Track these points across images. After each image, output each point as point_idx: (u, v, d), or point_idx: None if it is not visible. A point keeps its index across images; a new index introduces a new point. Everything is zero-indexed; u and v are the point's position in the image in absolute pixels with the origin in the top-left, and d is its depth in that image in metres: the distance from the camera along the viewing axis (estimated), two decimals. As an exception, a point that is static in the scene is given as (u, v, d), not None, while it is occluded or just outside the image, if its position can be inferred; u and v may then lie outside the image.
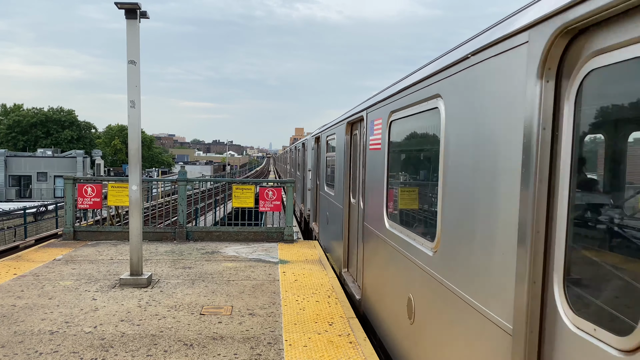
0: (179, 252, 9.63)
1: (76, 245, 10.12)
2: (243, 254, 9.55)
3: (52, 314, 5.99)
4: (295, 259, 9.28)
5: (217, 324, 5.74)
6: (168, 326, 5.64)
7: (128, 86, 7.16)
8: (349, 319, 6.01)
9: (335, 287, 7.40)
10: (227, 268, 8.38)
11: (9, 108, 77.97)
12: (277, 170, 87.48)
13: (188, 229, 11.09)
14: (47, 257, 8.95)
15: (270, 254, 9.67)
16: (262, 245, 10.53)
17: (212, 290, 7.06)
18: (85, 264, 8.51)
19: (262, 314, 6.09)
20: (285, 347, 5.13)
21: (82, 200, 10.63)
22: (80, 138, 73.66)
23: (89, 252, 9.43)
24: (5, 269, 8.09)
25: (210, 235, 11.09)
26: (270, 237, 11.14)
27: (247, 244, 10.63)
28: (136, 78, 7.18)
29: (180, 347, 5.09)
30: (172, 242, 10.70)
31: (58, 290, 6.94)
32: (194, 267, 8.37)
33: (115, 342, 5.17)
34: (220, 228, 11.34)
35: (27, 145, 67.84)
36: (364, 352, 5.06)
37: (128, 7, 6.95)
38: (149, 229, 10.80)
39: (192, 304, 6.43)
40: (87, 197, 10.62)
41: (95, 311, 6.09)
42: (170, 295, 6.77)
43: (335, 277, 8.06)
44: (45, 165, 54.57)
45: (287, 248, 10.31)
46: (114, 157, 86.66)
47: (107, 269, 8.13)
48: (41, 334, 5.35)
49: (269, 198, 11.11)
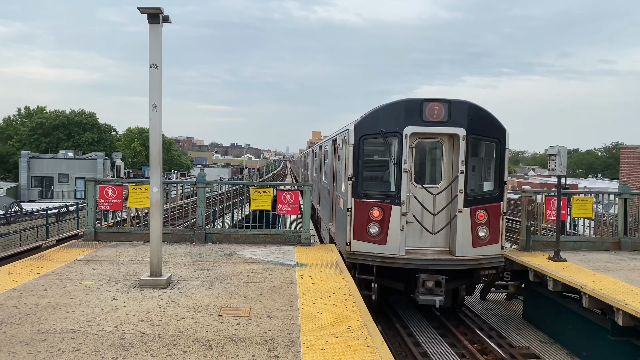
0: (197, 253, 9.72)
1: (97, 245, 10.29)
2: (261, 257, 9.61)
3: (74, 313, 6.10)
4: (312, 262, 9.30)
5: (235, 326, 5.78)
6: (187, 327, 5.70)
7: (150, 90, 7.27)
8: (367, 323, 6.01)
9: (352, 290, 7.40)
10: (245, 270, 8.44)
11: (32, 111, 79.54)
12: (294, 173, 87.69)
13: (207, 231, 11.18)
14: (69, 257, 9.12)
15: (287, 256, 9.71)
16: (279, 248, 10.58)
17: (230, 292, 7.12)
18: (106, 264, 8.65)
19: (280, 316, 6.12)
20: (303, 350, 5.15)
21: (104, 202, 10.80)
22: (101, 140, 74.78)
23: (110, 253, 9.58)
24: (29, 268, 8.26)
25: (228, 237, 11.18)
26: (288, 240, 11.18)
27: (265, 247, 10.69)
28: (158, 82, 7.29)
29: (199, 347, 5.14)
30: (190, 243, 10.81)
31: (80, 289, 7.06)
32: (212, 269, 8.45)
33: (135, 342, 5.24)
34: (238, 230, 11.41)
35: (49, 147, 69.07)
36: (382, 356, 5.05)
37: (151, 12, 7.06)
38: (168, 231, 10.92)
39: (211, 305, 6.49)
40: (108, 199, 10.78)
41: (115, 311, 6.19)
42: (189, 297, 6.84)
43: (352, 281, 8.07)
44: (66, 167, 55.51)
45: (304, 251, 10.34)
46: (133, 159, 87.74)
47: (127, 270, 8.25)
48: (63, 333, 5.46)
49: (287, 201, 11.15)
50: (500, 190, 10.43)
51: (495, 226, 10.30)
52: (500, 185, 10.45)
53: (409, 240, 10.19)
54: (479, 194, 10.43)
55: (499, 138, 10.46)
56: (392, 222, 10.09)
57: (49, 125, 70.94)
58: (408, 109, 10.21)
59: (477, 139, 10.34)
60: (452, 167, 10.33)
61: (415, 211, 10.28)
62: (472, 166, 10.54)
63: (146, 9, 7.05)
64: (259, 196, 11.21)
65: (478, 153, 10.68)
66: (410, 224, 10.17)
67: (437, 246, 10.34)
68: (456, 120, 10.15)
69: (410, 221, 10.17)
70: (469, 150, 10.18)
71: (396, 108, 10.31)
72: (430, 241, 10.32)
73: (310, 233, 11.27)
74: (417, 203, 10.30)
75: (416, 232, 10.31)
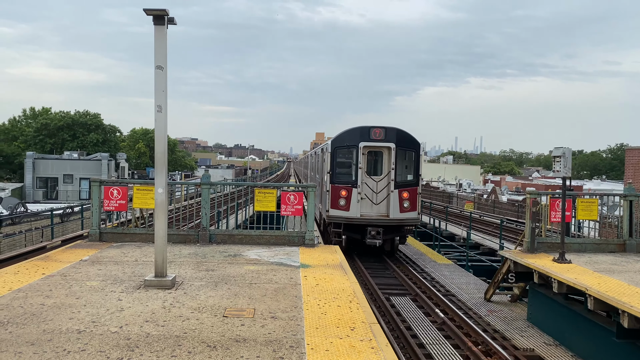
0: (202, 254, 9.74)
1: (102, 246, 10.32)
2: (265, 258, 9.62)
3: (80, 313, 6.12)
4: (317, 263, 9.31)
5: (240, 327, 5.79)
6: (192, 327, 5.72)
7: (155, 91, 7.29)
8: (371, 325, 6.00)
9: (356, 292, 7.40)
10: (249, 271, 8.45)
11: (37, 111, 79.85)
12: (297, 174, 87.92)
13: (211, 231, 11.19)
14: (74, 258, 9.15)
15: (291, 257, 9.72)
16: (283, 249, 10.59)
17: (235, 292, 7.13)
18: (111, 265, 8.67)
19: (284, 318, 6.13)
20: (308, 351, 5.15)
21: (108, 203, 10.82)
22: (106, 141, 75.02)
23: (114, 254, 9.61)
24: (35, 269, 8.30)
25: (233, 238, 11.19)
26: (292, 241, 11.18)
27: (269, 248, 10.71)
28: (163, 83, 7.32)
29: (204, 348, 5.15)
30: (195, 244, 10.83)
31: (85, 290, 7.09)
32: (216, 270, 8.46)
33: (140, 342, 5.26)
34: (243, 231, 11.41)
35: (54, 147, 69.32)
36: (386, 358, 5.05)
37: (156, 14, 7.08)
38: (172, 232, 10.94)
39: (215, 306, 6.50)
40: (113, 200, 10.80)
41: (120, 311, 6.21)
42: (193, 297, 6.85)
43: (357, 282, 8.07)
44: (71, 168, 55.72)
45: (308, 252, 10.35)
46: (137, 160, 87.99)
47: (132, 271, 8.27)
48: (69, 333, 5.48)
49: (291, 202, 11.15)
50: (417, 180, 18.17)
51: (413, 201, 17.95)
52: (417, 177, 18.22)
53: (362, 209, 17.80)
54: (404, 182, 18.04)
55: (416, 149, 18.44)
56: (352, 198, 17.79)
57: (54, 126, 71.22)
58: (362, 132, 18.12)
59: (402, 149, 18.09)
60: (388, 165, 18.03)
61: (366, 191, 17.93)
62: (403, 165, 18.29)
63: (152, 11, 7.08)
64: (263, 197, 11.22)
65: (404, 158, 18.31)
66: (363, 199, 17.87)
67: (379, 212, 17.90)
68: (389, 138, 18.01)
69: (363, 198, 17.87)
70: (397, 156, 17.87)
71: (355, 131, 18.28)
72: (375, 209, 17.92)
73: (314, 234, 11.27)
74: (367, 187, 17.98)
75: (367, 204, 17.92)
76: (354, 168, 17.97)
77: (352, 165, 18.12)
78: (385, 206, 17.83)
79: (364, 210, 17.81)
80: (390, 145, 17.91)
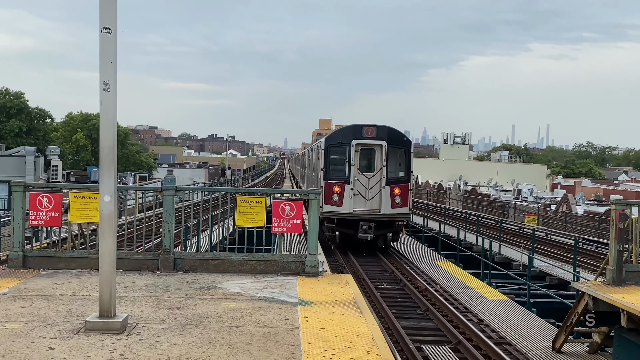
0: (164, 286, 9.76)
1: (27, 275, 10.35)
2: (250, 291, 9.64)
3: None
4: (321, 299, 9.31)
5: (216, 387, 5.79)
6: (150, 388, 5.72)
7: (100, 63, 7.31)
8: (397, 384, 6.00)
9: (376, 338, 7.41)
10: (228, 310, 8.47)
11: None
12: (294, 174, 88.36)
13: (176, 255, 11.21)
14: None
15: (286, 291, 9.74)
16: (275, 280, 10.61)
17: (209, 339, 7.15)
18: (39, 300, 8.69)
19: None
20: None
21: (36, 215, 10.83)
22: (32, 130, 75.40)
23: (44, 285, 9.63)
24: None
25: (206, 264, 11.21)
26: (287, 268, 11.20)
27: (255, 277, 10.72)
28: (112, 51, 7.33)
29: (167, 416, 5.16)
30: (154, 272, 10.85)
31: (3, 336, 7.11)
32: (184, 308, 8.48)
33: (79, 408, 5.26)
34: (220, 255, 11.44)
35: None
36: None
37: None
38: (124, 255, 10.96)
39: (183, 357, 6.52)
40: (42, 211, 10.80)
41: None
42: (152, 346, 6.87)
43: (377, 325, 8.07)
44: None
45: (309, 284, 10.36)
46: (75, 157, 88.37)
47: (69, 308, 8.30)
48: (-18, 394, 5.49)
49: (286, 215, 11.14)
50: (408, 176, 25.59)
51: (405, 197, 25.03)
52: (408, 173, 25.59)
53: (355, 204, 24.80)
54: (396, 178, 25.27)
55: (407, 147, 25.98)
56: (345, 193, 24.66)
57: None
58: (355, 130, 25.74)
59: (393, 147, 25.36)
60: (380, 162, 25.09)
61: (358, 187, 24.93)
62: (395, 162, 25.54)
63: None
64: (248, 208, 11.23)
65: (395, 155, 25.52)
66: (355, 195, 24.83)
67: (372, 208, 24.90)
68: (381, 136, 25.21)
69: (356, 194, 24.82)
70: (388, 154, 25.05)
71: (348, 129, 26.54)
72: (367, 205, 24.94)
73: (317, 259, 11.28)
74: (360, 183, 25.01)
75: (359, 199, 24.94)
76: (347, 165, 25.29)
77: (345, 163, 25.42)
78: (377, 202, 25.00)
79: (357, 206, 24.99)
80: (381, 142, 25.17)
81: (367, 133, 25.24)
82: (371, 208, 24.86)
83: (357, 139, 25.11)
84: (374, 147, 25.22)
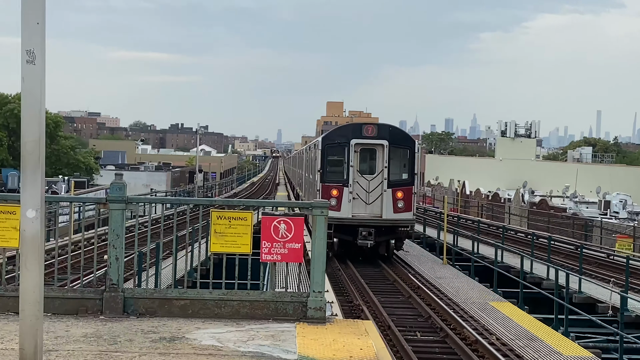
0: (109, 337, 9.73)
1: None
2: (230, 344, 9.60)
3: None
4: (330, 355, 9.24)
5: None
6: None
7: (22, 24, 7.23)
8: None
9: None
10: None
11: None
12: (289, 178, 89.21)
13: (127, 293, 11.22)
14: None
15: (281, 344, 9.71)
16: (265, 328, 10.59)
17: (168, 415, 7.03)
18: None
19: None
20: None
21: None
22: None
23: (-60, 335, 9.56)
24: None
25: (169, 305, 11.22)
26: (282, 311, 11.20)
27: (238, 324, 10.72)
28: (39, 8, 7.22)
29: None
30: (96, 317, 10.87)
31: None
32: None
33: None
34: (188, 292, 11.43)
35: None
36: None
37: None
38: (54, 293, 10.99)
39: None
40: (-61, 230, 10.84)
41: None
42: None
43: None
44: None
45: (313, 333, 10.32)
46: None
47: (-28, 369, 8.21)
48: None
49: (280, 236, 11.17)
50: (412, 179, 32.93)
51: (408, 201, 32.02)
52: (412, 175, 32.95)
53: (354, 209, 31.49)
54: (398, 181, 32.24)
55: (410, 146, 33.40)
56: (344, 197, 31.40)
57: None
58: (354, 129, 33.84)
59: (396, 147, 32.47)
60: (381, 164, 31.79)
61: (358, 191, 31.60)
62: (397, 164, 32.81)
63: None
64: (227, 227, 11.24)
65: (398, 156, 32.65)
66: (355, 199, 31.53)
67: (372, 212, 31.70)
68: (382, 135, 32.40)
69: (355, 197, 31.52)
70: (390, 154, 31.95)
71: (347, 127, 37.12)
72: (368, 209, 31.69)
73: (324, 299, 11.26)
74: (359, 186, 31.70)
75: (359, 204, 31.67)
76: (346, 166, 31.38)
77: (344, 164, 31.54)
78: (378, 206, 31.20)
79: (356, 211, 31.20)
80: (383, 142, 31.38)
81: (367, 132, 32.04)
82: (372, 213, 31.52)
83: (356, 138, 31.67)
84: (374, 147, 31.93)
